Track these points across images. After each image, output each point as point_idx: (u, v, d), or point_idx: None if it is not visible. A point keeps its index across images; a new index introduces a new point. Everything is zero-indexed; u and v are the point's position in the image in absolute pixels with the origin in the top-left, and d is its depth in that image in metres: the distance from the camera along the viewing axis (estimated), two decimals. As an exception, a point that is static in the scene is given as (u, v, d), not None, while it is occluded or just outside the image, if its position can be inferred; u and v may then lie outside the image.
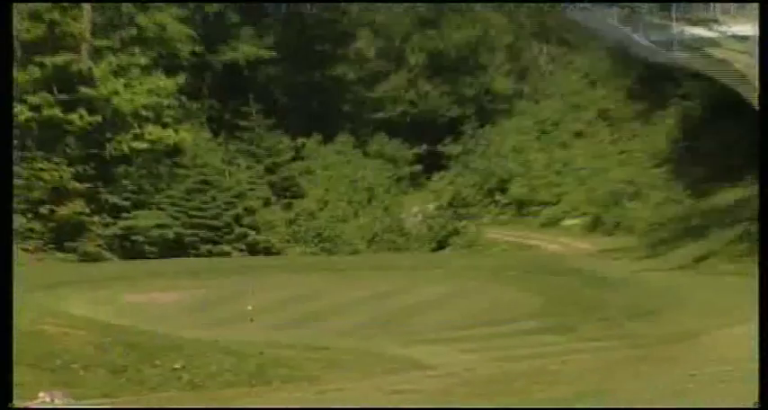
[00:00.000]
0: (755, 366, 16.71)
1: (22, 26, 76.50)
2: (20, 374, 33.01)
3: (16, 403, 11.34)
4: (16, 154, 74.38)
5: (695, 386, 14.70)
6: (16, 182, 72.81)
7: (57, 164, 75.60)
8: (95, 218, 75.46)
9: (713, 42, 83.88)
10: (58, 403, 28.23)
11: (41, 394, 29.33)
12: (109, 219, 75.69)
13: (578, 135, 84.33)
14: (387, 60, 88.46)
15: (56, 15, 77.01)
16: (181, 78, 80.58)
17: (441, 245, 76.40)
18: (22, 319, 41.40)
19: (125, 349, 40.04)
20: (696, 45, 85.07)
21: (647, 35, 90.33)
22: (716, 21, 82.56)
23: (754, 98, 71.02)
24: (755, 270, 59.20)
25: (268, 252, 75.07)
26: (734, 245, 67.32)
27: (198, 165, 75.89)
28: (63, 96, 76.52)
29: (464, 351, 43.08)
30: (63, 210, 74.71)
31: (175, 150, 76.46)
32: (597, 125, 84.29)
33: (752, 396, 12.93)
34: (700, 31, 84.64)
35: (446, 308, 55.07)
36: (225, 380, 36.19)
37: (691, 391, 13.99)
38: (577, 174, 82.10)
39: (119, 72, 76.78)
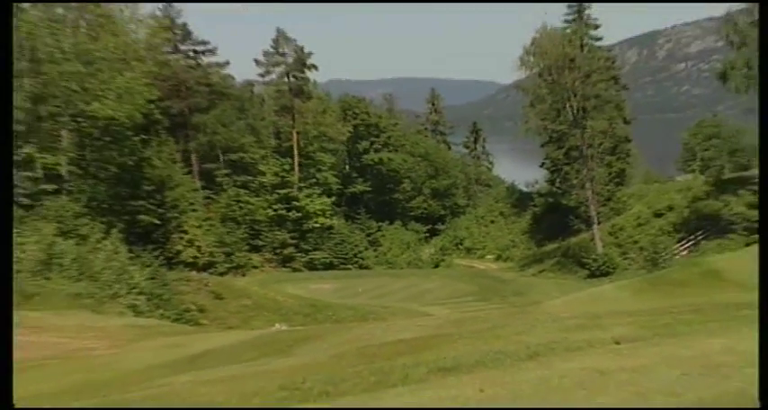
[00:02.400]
0: (564, 315, 17.40)
1: (271, 175, 73.82)
2: (267, 316, 40.95)
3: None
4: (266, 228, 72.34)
5: (539, 324, 13.24)
6: (266, 239, 71.77)
7: (281, 232, 71.27)
8: (298, 255, 71.58)
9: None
10: (283, 329, 28.58)
11: (276, 324, 32.45)
12: (303, 255, 71.36)
13: (491, 222, 79.16)
14: (414, 191, 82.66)
15: (285, 174, 73.54)
16: (332, 199, 75.03)
17: (436, 266, 72.63)
18: (268, 294, 48.23)
19: (309, 307, 44.61)
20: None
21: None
22: None
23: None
24: (566, 276, 62.28)
25: (366, 268, 71.22)
26: (555, 266, 66.33)
27: (339, 233, 72.42)
28: (286, 205, 71.72)
29: (446, 308, 44.67)
30: (286, 252, 71.24)
31: (330, 227, 73.11)
32: (499, 218, 79.30)
33: (561, 329, 12.02)
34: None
35: (437, 291, 55.65)
36: (349, 320, 37.84)
37: (537, 327, 12.55)
38: (492, 237, 77.20)
39: (308, 196, 73.06)
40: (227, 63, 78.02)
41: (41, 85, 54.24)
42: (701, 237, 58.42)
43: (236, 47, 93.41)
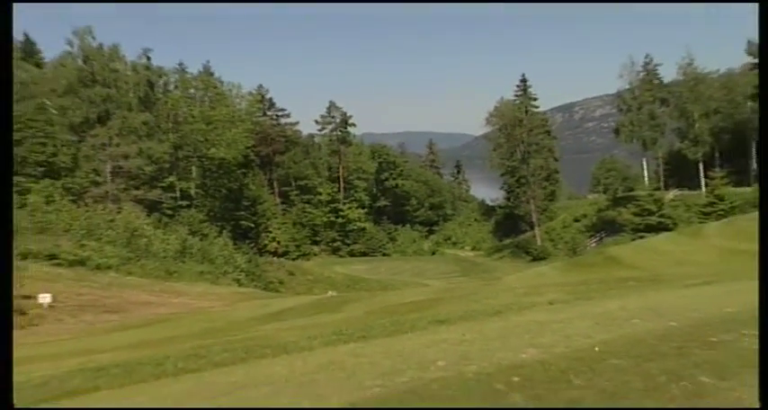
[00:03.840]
0: (516, 286, 16.46)
1: (325, 195, 70.16)
2: (323, 286, 38.19)
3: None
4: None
5: (500, 292, 12.42)
6: (322, 236, 68.11)
7: (332, 232, 67.78)
8: (343, 247, 68.11)
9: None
10: (334, 295, 25.21)
11: (329, 292, 29.80)
12: (346, 247, 68.14)
13: (469, 225, 76.45)
14: (418, 205, 79.09)
15: (334, 194, 70.68)
16: (365, 210, 71.29)
17: (433, 253, 69.74)
18: (323, 272, 45.74)
19: (350, 281, 42.24)
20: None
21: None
22: None
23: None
24: (517, 260, 60.86)
25: (387, 255, 67.46)
26: (510, 254, 62.39)
27: (370, 233, 69.59)
28: (335, 214, 68.92)
29: (439, 281, 42.85)
30: (335, 245, 68.15)
31: (363, 229, 69.83)
32: (474, 222, 76.29)
33: (514, 295, 10.92)
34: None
35: (434, 270, 53.42)
36: (376, 289, 35.81)
37: (499, 294, 11.68)
38: (469, 235, 73.97)
39: (349, 208, 68.87)
40: (297, 122, 78.49)
41: (179, 138, 55.55)
42: (603, 235, 58.60)
43: (303, 111, 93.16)
